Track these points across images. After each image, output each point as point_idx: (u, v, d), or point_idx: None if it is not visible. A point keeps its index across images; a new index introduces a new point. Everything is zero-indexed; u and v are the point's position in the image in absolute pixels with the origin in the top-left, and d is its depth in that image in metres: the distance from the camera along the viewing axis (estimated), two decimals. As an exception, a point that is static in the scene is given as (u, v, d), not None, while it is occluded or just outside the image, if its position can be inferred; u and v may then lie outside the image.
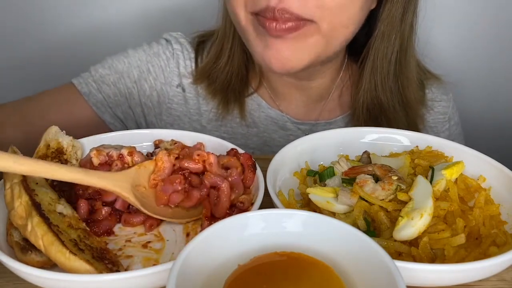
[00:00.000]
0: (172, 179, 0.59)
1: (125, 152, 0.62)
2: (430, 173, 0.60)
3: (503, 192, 0.62)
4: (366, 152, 0.68)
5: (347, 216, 0.56)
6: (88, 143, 0.67)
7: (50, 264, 0.49)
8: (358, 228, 0.49)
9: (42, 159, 0.60)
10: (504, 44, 1.31)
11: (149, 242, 0.56)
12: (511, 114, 1.38)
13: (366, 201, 0.56)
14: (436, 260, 0.51)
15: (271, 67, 0.77)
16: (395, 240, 0.52)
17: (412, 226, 0.51)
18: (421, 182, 0.57)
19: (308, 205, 0.61)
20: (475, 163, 0.65)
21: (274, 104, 0.97)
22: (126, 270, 0.51)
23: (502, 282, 0.53)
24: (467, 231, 0.54)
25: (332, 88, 0.96)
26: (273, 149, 0.94)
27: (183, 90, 0.96)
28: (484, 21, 1.28)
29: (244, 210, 0.57)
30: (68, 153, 0.63)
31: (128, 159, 0.62)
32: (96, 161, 0.62)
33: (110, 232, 0.57)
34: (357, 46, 0.91)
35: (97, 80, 0.92)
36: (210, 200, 0.59)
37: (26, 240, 0.50)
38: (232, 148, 0.65)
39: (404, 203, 0.55)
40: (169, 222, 0.59)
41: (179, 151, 0.63)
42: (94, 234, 0.55)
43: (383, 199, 0.56)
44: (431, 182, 0.58)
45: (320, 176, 0.64)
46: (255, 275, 0.40)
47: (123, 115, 0.94)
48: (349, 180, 0.61)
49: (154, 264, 0.52)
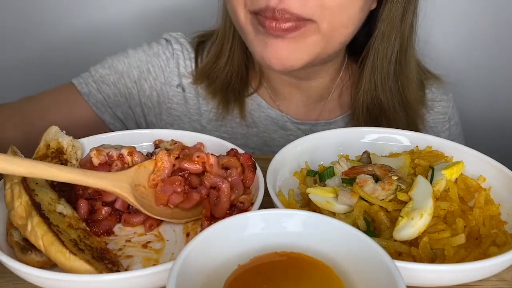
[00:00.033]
0: (172, 181, 0.59)
1: (125, 152, 0.62)
2: (430, 173, 0.60)
3: (503, 192, 0.62)
4: (366, 152, 0.68)
5: (347, 216, 0.56)
6: (88, 143, 0.67)
7: (50, 264, 0.49)
8: (358, 228, 0.49)
9: (42, 159, 0.60)
10: (504, 44, 1.31)
11: (149, 242, 0.56)
12: (511, 114, 1.38)
13: (366, 201, 0.56)
14: (436, 260, 0.51)
15: (271, 65, 0.77)
16: (395, 240, 0.52)
17: (412, 226, 0.51)
18: (421, 182, 0.57)
19: (308, 205, 0.61)
20: (475, 163, 0.65)
21: (274, 104, 0.96)
22: (126, 270, 0.51)
23: (502, 282, 0.53)
24: (467, 231, 0.54)
25: (332, 88, 0.96)
26: (273, 149, 0.94)
27: (183, 90, 0.96)
28: (484, 21, 1.28)
29: (244, 210, 0.57)
30: (68, 153, 0.63)
31: (128, 159, 0.62)
32: (96, 161, 0.62)
33: (110, 232, 0.57)
34: (357, 46, 0.92)
35: (97, 80, 0.92)
36: (210, 200, 0.59)
37: (26, 240, 0.50)
38: (232, 148, 0.65)
39: (404, 203, 0.55)
40: (169, 222, 0.59)
41: (179, 151, 0.63)
42: (94, 234, 0.55)
43: (383, 199, 0.56)
44: (431, 182, 0.58)
45: (320, 176, 0.64)
46: (255, 275, 0.40)
47: (123, 115, 0.94)
48: (349, 180, 0.61)
49: (154, 264, 0.52)
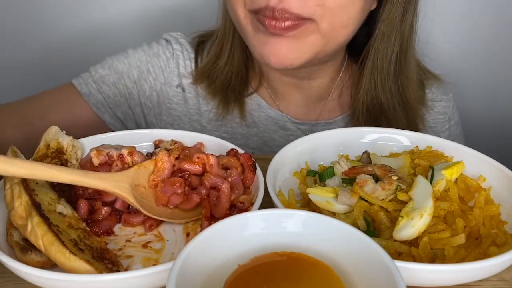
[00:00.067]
0: (172, 182, 0.59)
1: (125, 152, 0.62)
2: (430, 173, 0.60)
3: (503, 192, 0.62)
4: (366, 152, 0.68)
5: (347, 216, 0.56)
6: (88, 143, 0.66)
7: (50, 264, 0.49)
8: (358, 228, 0.49)
9: (42, 159, 0.60)
10: (504, 44, 1.31)
11: (149, 242, 0.56)
12: (511, 114, 1.38)
13: (366, 201, 0.56)
14: (436, 260, 0.51)
15: (270, 63, 0.77)
16: (395, 240, 0.52)
17: (412, 226, 0.51)
18: (421, 182, 0.57)
19: (308, 205, 0.61)
20: (475, 163, 0.65)
21: (274, 104, 0.96)
22: (126, 270, 0.51)
23: (502, 282, 0.53)
24: (467, 231, 0.54)
25: (332, 88, 0.96)
26: (273, 149, 0.94)
27: (183, 90, 0.96)
28: (484, 21, 1.28)
29: (244, 210, 0.57)
30: (68, 153, 0.63)
31: (128, 159, 0.62)
32: (96, 161, 0.62)
33: (110, 232, 0.57)
34: (357, 46, 0.92)
35: (97, 81, 0.92)
36: (210, 201, 0.58)
37: (26, 240, 0.50)
38: (232, 148, 0.65)
39: (404, 203, 0.55)
40: (169, 222, 0.59)
41: (179, 151, 0.63)
42: (94, 234, 0.55)
43: (383, 199, 0.56)
44: (431, 182, 0.58)
45: (320, 176, 0.64)
46: (255, 275, 0.40)
47: (123, 115, 0.94)
48: (349, 180, 0.61)
49: (154, 264, 0.52)
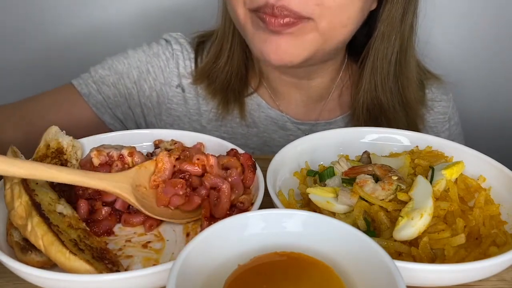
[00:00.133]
0: (174, 183, 0.59)
1: (125, 152, 0.62)
2: (430, 173, 0.60)
3: (503, 192, 0.62)
4: (366, 152, 0.68)
5: (347, 216, 0.56)
6: (88, 143, 0.66)
7: (50, 264, 0.49)
8: (358, 228, 0.49)
9: (42, 159, 0.60)
10: (504, 44, 1.31)
11: (149, 242, 0.56)
12: (511, 114, 1.38)
13: (366, 201, 0.56)
14: (436, 260, 0.51)
15: (270, 61, 0.77)
16: (395, 240, 0.52)
17: (412, 226, 0.51)
18: (421, 182, 0.57)
19: (308, 205, 0.61)
20: (475, 163, 0.65)
21: (274, 104, 0.97)
22: (126, 270, 0.51)
23: (502, 282, 0.53)
24: (467, 231, 0.54)
25: (332, 88, 0.96)
26: (273, 149, 0.94)
27: (183, 91, 0.96)
28: (484, 21, 1.28)
29: (244, 210, 0.57)
30: (68, 153, 0.63)
31: (129, 159, 0.62)
32: (96, 161, 0.62)
33: (110, 232, 0.57)
34: (357, 46, 0.92)
35: (96, 81, 0.92)
36: (210, 201, 0.58)
37: (26, 240, 0.50)
38: (232, 148, 0.65)
39: (404, 203, 0.55)
40: (169, 222, 0.59)
41: (180, 152, 0.63)
42: (94, 234, 0.55)
43: (383, 199, 0.56)
44: (431, 182, 0.58)
45: (320, 176, 0.64)
46: (255, 275, 0.40)
47: (123, 115, 0.94)
48: (349, 180, 0.61)
49: (154, 264, 0.52)
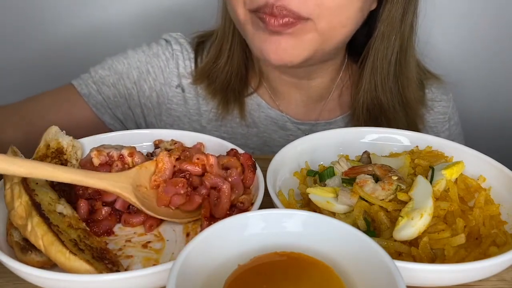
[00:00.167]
0: (175, 182, 0.59)
1: (125, 152, 0.62)
2: (430, 173, 0.60)
3: (503, 192, 0.62)
4: (366, 152, 0.68)
5: (347, 216, 0.56)
6: (88, 143, 0.66)
7: (50, 264, 0.49)
8: (358, 228, 0.49)
9: (42, 159, 0.60)
10: (504, 44, 1.31)
11: (149, 242, 0.56)
12: (511, 114, 1.38)
13: (366, 201, 0.56)
14: (436, 260, 0.51)
15: (270, 61, 0.77)
16: (395, 240, 0.52)
17: (412, 226, 0.51)
18: (421, 182, 0.57)
19: (308, 205, 0.61)
20: (475, 163, 0.65)
21: (274, 104, 0.97)
22: (126, 270, 0.51)
23: (502, 282, 0.53)
24: (467, 231, 0.54)
25: (332, 88, 0.96)
26: (273, 149, 0.94)
27: (183, 91, 0.96)
28: (484, 21, 1.28)
29: (244, 210, 0.57)
30: (68, 153, 0.63)
31: (129, 159, 0.62)
32: (96, 161, 0.62)
33: (110, 232, 0.57)
34: (357, 46, 0.92)
35: (96, 82, 0.92)
36: (210, 201, 0.58)
37: (26, 240, 0.50)
38: (232, 148, 0.65)
39: (404, 203, 0.55)
40: (169, 222, 0.59)
41: (180, 152, 0.62)
42: (94, 234, 0.55)
43: (383, 199, 0.56)
44: (431, 182, 0.58)
45: (320, 176, 0.64)
46: (255, 275, 0.40)
47: (123, 116, 0.94)
48: (349, 180, 0.61)
49: (154, 264, 0.52)
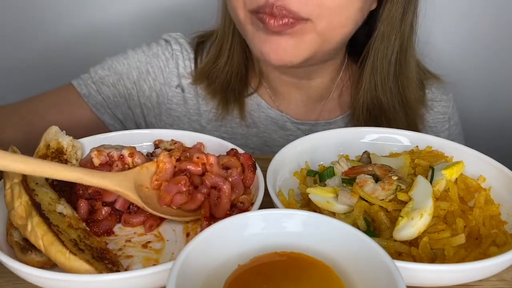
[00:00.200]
0: (177, 180, 0.59)
1: (126, 153, 0.62)
2: (430, 173, 0.60)
3: (503, 192, 0.62)
4: (366, 152, 0.68)
5: (347, 216, 0.56)
6: (88, 143, 0.66)
7: (50, 264, 0.49)
8: (358, 228, 0.49)
9: (42, 159, 0.60)
10: (504, 44, 1.31)
11: (149, 242, 0.56)
12: (511, 114, 1.38)
13: (366, 201, 0.56)
14: (436, 260, 0.51)
15: (270, 61, 0.77)
16: (395, 240, 0.52)
17: (412, 226, 0.51)
18: (421, 182, 0.57)
19: (308, 205, 0.61)
20: (475, 163, 0.65)
21: (273, 104, 0.97)
22: (126, 270, 0.51)
23: (502, 282, 0.53)
24: (467, 231, 0.54)
25: (332, 88, 0.96)
26: (273, 149, 0.94)
27: (182, 91, 0.96)
28: (484, 21, 1.28)
29: (244, 210, 0.57)
30: (68, 153, 0.63)
31: (129, 160, 0.62)
32: (96, 161, 0.62)
33: (110, 232, 0.57)
34: (357, 46, 0.92)
35: (96, 82, 0.92)
36: (211, 201, 0.58)
37: (26, 240, 0.50)
38: (232, 148, 0.65)
39: (404, 203, 0.55)
40: (169, 222, 0.58)
41: (180, 153, 0.62)
42: (94, 234, 0.55)
43: (383, 199, 0.56)
44: (431, 182, 0.58)
45: (320, 176, 0.64)
46: (255, 275, 0.40)
47: (123, 116, 0.94)
48: (349, 180, 0.61)
49: (154, 264, 0.52)
